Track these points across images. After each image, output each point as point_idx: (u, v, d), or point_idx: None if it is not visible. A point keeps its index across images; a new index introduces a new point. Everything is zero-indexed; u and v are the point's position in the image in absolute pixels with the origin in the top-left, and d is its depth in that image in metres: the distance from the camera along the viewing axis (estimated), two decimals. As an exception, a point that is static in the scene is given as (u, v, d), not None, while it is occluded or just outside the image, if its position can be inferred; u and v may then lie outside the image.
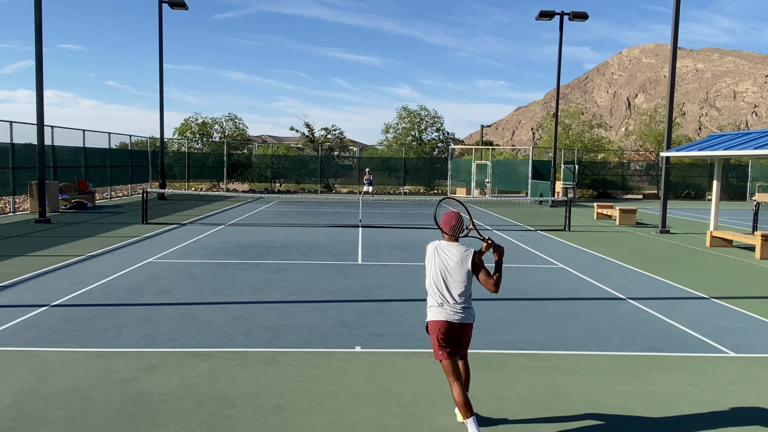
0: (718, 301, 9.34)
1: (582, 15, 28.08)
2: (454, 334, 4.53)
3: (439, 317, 4.55)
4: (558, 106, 31.22)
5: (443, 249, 4.65)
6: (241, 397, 5.23)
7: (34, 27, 17.12)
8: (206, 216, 20.68)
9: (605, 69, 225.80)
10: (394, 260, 12.28)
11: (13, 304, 8.27)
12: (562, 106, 46.25)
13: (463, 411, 4.46)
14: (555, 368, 6.13)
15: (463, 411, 4.46)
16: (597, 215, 23.20)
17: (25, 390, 5.31)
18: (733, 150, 14.29)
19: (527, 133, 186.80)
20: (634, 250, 14.55)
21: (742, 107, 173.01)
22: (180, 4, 26.87)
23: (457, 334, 4.56)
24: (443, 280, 4.58)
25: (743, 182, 39.49)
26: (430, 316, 4.64)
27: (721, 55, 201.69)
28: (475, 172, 36.29)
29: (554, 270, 11.66)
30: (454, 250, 4.61)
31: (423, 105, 52.61)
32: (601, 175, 38.89)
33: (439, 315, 4.57)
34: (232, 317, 7.78)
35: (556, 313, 8.32)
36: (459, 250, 4.61)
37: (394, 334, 7.19)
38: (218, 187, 37.49)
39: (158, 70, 28.63)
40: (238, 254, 12.73)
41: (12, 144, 20.40)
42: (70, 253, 12.33)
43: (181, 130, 39.98)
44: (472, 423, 4.41)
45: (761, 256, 13.76)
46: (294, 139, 45.23)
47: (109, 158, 29.15)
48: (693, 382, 5.84)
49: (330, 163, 39.41)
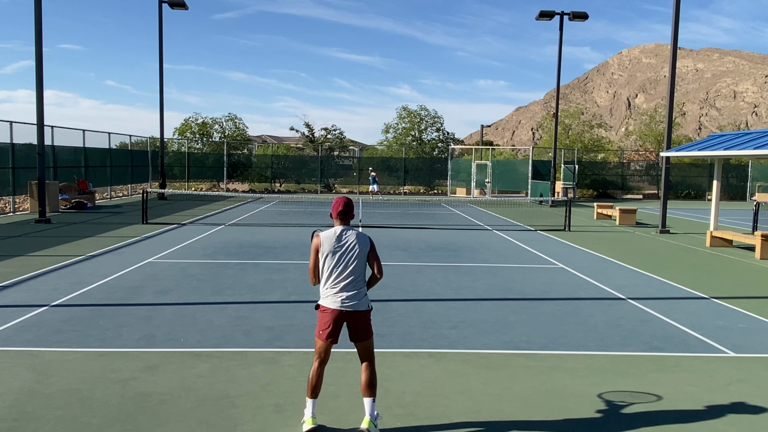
0: (718, 301, 9.34)
1: (582, 15, 28.09)
2: (342, 320, 4.57)
3: (330, 304, 4.55)
4: (558, 106, 31.22)
5: (335, 235, 4.62)
6: (241, 397, 5.23)
7: (34, 27, 17.13)
8: (206, 216, 20.68)
9: (605, 69, 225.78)
10: (394, 260, 12.28)
11: (13, 304, 8.27)
12: (562, 106, 46.24)
13: (308, 390, 4.60)
14: (555, 368, 6.13)
15: (308, 390, 4.60)
16: (597, 215, 23.20)
17: (25, 390, 5.31)
18: (733, 150, 14.29)
19: (527, 133, 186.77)
20: (634, 250, 14.55)
21: (742, 107, 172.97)
22: (180, 4, 26.87)
23: (348, 320, 4.57)
24: (335, 266, 4.56)
25: (743, 182, 39.50)
26: (322, 301, 4.64)
27: (721, 55, 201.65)
28: (475, 172, 36.30)
29: (554, 270, 11.66)
30: (349, 235, 4.62)
31: (423, 105, 52.65)
32: (601, 175, 38.89)
33: (329, 302, 4.56)
34: (232, 317, 7.78)
35: (556, 313, 8.32)
36: (353, 233, 4.63)
37: (394, 334, 7.19)
38: (218, 187, 37.49)
39: (158, 70, 28.68)
40: (238, 254, 12.73)
41: (12, 144, 20.40)
42: (70, 253, 12.33)
43: (181, 130, 39.98)
44: (309, 402, 4.59)
45: (761, 256, 13.76)
46: (294, 139, 45.24)
47: (109, 158, 29.15)
48: (693, 382, 5.84)
49: (330, 163, 39.41)
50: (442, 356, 6.43)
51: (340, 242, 4.57)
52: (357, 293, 4.56)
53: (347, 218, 4.69)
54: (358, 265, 4.58)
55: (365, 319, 4.61)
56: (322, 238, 4.60)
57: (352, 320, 4.57)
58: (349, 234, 4.62)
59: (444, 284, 10.06)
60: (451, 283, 10.19)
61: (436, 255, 13.01)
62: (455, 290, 9.65)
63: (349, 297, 4.53)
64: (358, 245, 4.58)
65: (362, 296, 4.59)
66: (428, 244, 14.60)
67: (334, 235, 4.60)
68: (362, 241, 4.63)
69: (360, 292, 4.58)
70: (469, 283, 10.23)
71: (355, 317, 4.56)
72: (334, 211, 4.68)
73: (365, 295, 4.63)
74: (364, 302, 4.60)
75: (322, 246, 4.59)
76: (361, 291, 4.59)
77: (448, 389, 5.52)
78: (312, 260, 4.68)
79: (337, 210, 4.67)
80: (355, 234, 4.65)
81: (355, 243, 4.58)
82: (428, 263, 12.00)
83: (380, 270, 4.69)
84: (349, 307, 4.53)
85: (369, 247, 4.65)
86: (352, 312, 4.55)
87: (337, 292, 4.54)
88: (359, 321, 4.58)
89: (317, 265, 4.65)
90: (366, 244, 4.63)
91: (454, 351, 6.62)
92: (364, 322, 4.61)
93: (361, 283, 4.61)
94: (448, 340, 7.02)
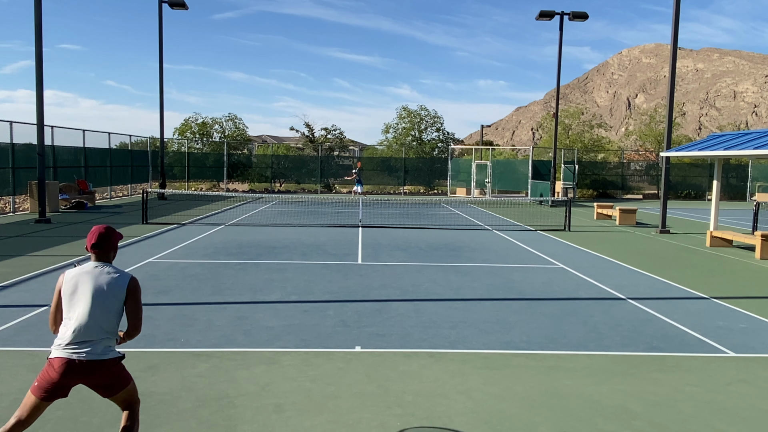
0: (718, 301, 9.34)
1: (582, 15, 28.09)
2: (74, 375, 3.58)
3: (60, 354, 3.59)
4: (558, 106, 31.21)
5: (81, 273, 3.72)
6: (241, 397, 5.23)
7: (34, 27, 17.12)
8: (206, 216, 20.68)
9: (605, 69, 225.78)
10: (394, 260, 12.28)
11: (13, 304, 8.27)
12: (562, 106, 46.24)
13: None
14: (555, 368, 6.13)
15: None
16: (597, 215, 23.20)
17: (25, 390, 5.30)
18: (733, 150, 14.29)
19: (527, 133, 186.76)
20: (634, 250, 14.55)
21: (742, 107, 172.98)
22: (180, 4, 26.87)
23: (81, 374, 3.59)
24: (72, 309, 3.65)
25: (743, 182, 39.49)
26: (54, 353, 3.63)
27: (721, 55, 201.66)
28: (475, 172, 36.29)
29: (554, 270, 11.66)
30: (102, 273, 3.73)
31: (423, 105, 52.66)
32: (601, 175, 38.89)
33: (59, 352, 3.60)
34: (232, 317, 7.78)
35: (556, 313, 8.32)
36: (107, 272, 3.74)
37: (394, 334, 7.19)
38: (218, 187, 37.48)
39: (158, 70, 28.67)
40: (238, 254, 12.73)
41: (12, 144, 20.40)
42: (70, 253, 12.32)
43: (181, 130, 39.98)
44: None
45: (761, 256, 13.76)
46: (294, 139, 45.23)
47: (109, 158, 29.14)
48: (693, 382, 5.84)
49: (330, 163, 39.42)
50: (442, 356, 6.43)
51: (84, 284, 3.66)
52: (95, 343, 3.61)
53: (103, 252, 3.78)
54: (105, 310, 3.65)
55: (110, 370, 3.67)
56: (66, 276, 3.70)
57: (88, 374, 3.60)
58: (102, 273, 3.71)
59: (444, 284, 10.06)
60: (451, 283, 10.19)
61: (436, 255, 13.01)
62: (455, 290, 9.65)
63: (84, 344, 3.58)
64: (110, 289, 3.68)
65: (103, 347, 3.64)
66: (428, 244, 14.61)
67: (79, 274, 3.71)
68: (118, 283, 3.72)
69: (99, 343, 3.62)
70: (469, 283, 10.23)
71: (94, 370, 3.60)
72: (88, 243, 3.78)
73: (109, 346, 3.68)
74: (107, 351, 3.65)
75: (63, 286, 3.69)
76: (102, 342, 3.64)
77: (448, 389, 5.52)
78: (53, 304, 3.75)
79: (90, 242, 3.76)
80: (111, 274, 3.74)
81: (107, 286, 3.68)
82: (428, 263, 12.01)
83: (137, 327, 3.78)
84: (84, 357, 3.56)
85: (125, 293, 3.73)
86: (87, 363, 3.56)
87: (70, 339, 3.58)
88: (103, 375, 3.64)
89: (58, 309, 3.73)
90: (122, 289, 3.71)
91: (454, 351, 6.62)
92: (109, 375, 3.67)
93: (103, 334, 3.64)
94: (448, 340, 7.02)
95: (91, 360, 3.58)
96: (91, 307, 3.61)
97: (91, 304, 3.62)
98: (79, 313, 3.61)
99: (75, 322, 3.60)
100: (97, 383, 3.66)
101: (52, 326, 3.77)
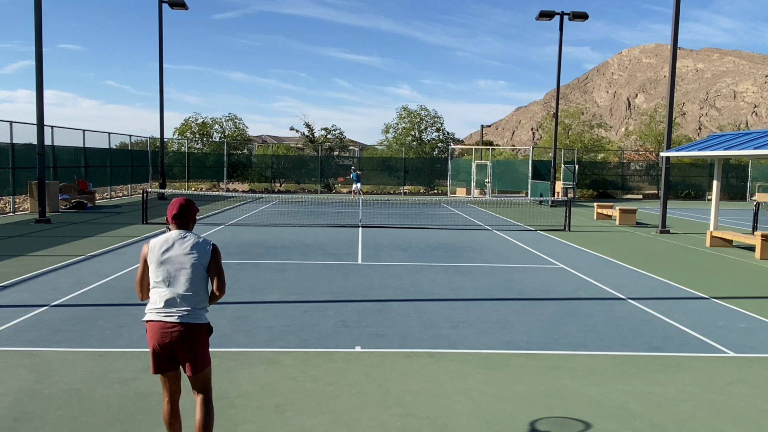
0: (718, 301, 9.34)
1: (582, 15, 28.09)
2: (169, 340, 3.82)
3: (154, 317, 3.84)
4: (558, 106, 31.22)
5: (165, 241, 3.93)
6: (241, 397, 5.23)
7: (34, 27, 17.12)
8: (206, 216, 20.67)
9: (605, 69, 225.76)
10: (394, 260, 12.28)
11: (13, 304, 8.27)
12: (562, 106, 46.23)
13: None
14: (555, 368, 6.13)
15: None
16: (597, 215, 23.20)
17: (25, 390, 5.31)
18: (733, 150, 14.29)
19: (527, 133, 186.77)
20: (634, 250, 14.55)
21: (742, 107, 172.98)
22: (180, 4, 26.88)
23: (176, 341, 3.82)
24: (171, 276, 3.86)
25: (743, 182, 39.50)
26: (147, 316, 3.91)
27: (721, 55, 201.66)
28: (475, 172, 36.30)
29: (554, 270, 11.66)
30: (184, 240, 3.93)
31: (423, 105, 52.70)
32: (601, 175, 38.89)
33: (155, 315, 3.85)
34: (232, 317, 7.78)
35: (556, 313, 8.32)
36: (190, 240, 3.95)
37: (394, 334, 7.19)
38: (218, 187, 37.49)
39: (158, 70, 28.68)
40: (238, 254, 12.73)
41: (12, 144, 20.40)
42: (70, 253, 12.33)
43: (181, 130, 39.98)
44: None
45: (761, 256, 13.76)
46: (294, 139, 45.26)
47: (109, 158, 29.15)
48: (693, 382, 5.84)
49: (330, 163, 39.42)
50: (442, 356, 6.43)
51: (169, 251, 3.87)
52: (187, 306, 3.84)
53: (184, 222, 3.98)
54: (194, 275, 3.86)
55: (200, 334, 3.88)
56: (151, 245, 3.91)
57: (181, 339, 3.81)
58: (185, 240, 3.92)
59: (444, 284, 10.06)
60: (451, 283, 10.19)
61: (436, 255, 13.01)
62: (455, 290, 9.65)
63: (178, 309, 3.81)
64: (194, 254, 3.88)
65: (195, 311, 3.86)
66: (428, 244, 14.61)
67: (164, 242, 3.91)
68: (201, 248, 3.91)
69: (191, 307, 3.85)
70: (469, 283, 10.23)
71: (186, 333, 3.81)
72: (168, 215, 3.99)
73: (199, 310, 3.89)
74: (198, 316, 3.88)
75: (149, 255, 3.90)
76: (193, 305, 3.86)
77: (448, 389, 5.52)
78: (139, 271, 3.99)
79: (171, 213, 3.97)
80: (193, 240, 3.93)
81: (191, 251, 3.87)
82: (428, 263, 12.00)
83: (221, 286, 3.94)
84: (177, 320, 3.79)
85: (209, 256, 3.93)
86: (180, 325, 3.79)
87: (162, 304, 3.82)
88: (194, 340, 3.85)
89: (145, 276, 3.96)
90: (206, 253, 3.92)
91: (454, 351, 6.62)
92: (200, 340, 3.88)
93: (194, 297, 3.86)
94: (448, 340, 7.02)
95: (183, 322, 3.79)
96: (181, 273, 3.83)
97: (181, 270, 3.83)
98: (169, 278, 3.83)
99: (167, 287, 3.82)
100: (186, 349, 3.82)
101: (139, 294, 4.02)
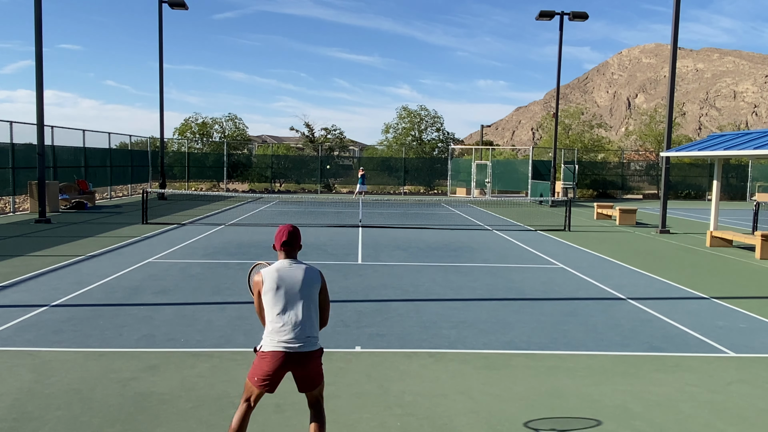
0: (718, 301, 9.34)
1: (582, 15, 28.09)
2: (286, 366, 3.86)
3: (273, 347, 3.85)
4: (558, 106, 31.22)
5: (277, 269, 3.94)
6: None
7: (34, 27, 17.12)
8: (206, 216, 20.68)
9: (605, 69, 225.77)
10: (394, 260, 12.28)
11: (13, 304, 8.27)
12: (562, 106, 46.25)
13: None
14: (555, 368, 6.13)
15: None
16: (597, 215, 23.20)
17: (25, 390, 5.31)
18: (733, 150, 14.30)
19: (527, 133, 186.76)
20: (634, 250, 14.55)
21: (742, 107, 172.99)
22: (180, 4, 26.88)
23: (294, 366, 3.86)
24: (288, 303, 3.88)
25: (743, 182, 39.51)
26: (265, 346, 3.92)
27: (721, 55, 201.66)
28: (475, 172, 36.30)
29: (554, 270, 11.66)
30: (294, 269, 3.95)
31: (423, 105, 52.66)
32: (601, 175, 38.89)
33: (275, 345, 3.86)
34: (232, 317, 7.78)
35: (556, 313, 8.32)
36: (300, 267, 3.97)
37: (394, 334, 7.19)
38: (218, 187, 37.49)
39: (158, 70, 28.67)
40: (238, 254, 12.73)
41: (12, 144, 20.40)
42: (70, 253, 12.33)
43: (181, 130, 39.98)
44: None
45: (761, 256, 13.76)
46: (294, 139, 45.25)
47: (109, 158, 29.15)
48: (693, 382, 5.84)
49: (330, 163, 39.42)
50: (442, 356, 6.43)
51: (284, 280, 3.89)
52: (307, 335, 3.87)
53: (293, 249, 4.02)
54: (311, 303, 3.92)
55: (317, 360, 3.94)
56: (264, 275, 3.92)
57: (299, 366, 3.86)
58: (297, 268, 3.94)
59: (444, 284, 10.06)
60: (451, 283, 10.19)
61: (436, 255, 13.01)
62: (455, 290, 9.65)
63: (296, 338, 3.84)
64: (307, 282, 3.91)
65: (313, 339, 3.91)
66: (428, 244, 14.61)
67: (276, 271, 3.92)
68: (313, 276, 3.96)
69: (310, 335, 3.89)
70: (469, 283, 10.23)
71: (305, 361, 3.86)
72: (277, 242, 4.02)
73: (317, 338, 3.94)
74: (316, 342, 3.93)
75: (264, 285, 3.91)
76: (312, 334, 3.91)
77: (448, 389, 5.52)
78: (256, 302, 4.01)
79: (280, 241, 4.00)
80: (304, 268, 3.97)
81: (305, 279, 3.91)
82: (428, 263, 12.01)
83: (327, 316, 4.05)
84: (297, 349, 3.82)
85: (321, 284, 3.98)
86: (301, 354, 3.83)
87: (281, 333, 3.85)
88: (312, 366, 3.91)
89: (262, 306, 3.97)
90: (318, 281, 3.96)
91: (454, 351, 6.62)
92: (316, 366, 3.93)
93: (312, 326, 3.91)
94: (448, 340, 7.02)
95: (303, 352, 3.83)
96: (300, 303, 3.86)
97: (299, 300, 3.86)
98: (288, 309, 3.84)
99: (287, 318, 3.83)
100: (304, 374, 3.89)
101: (263, 323, 4.00)
